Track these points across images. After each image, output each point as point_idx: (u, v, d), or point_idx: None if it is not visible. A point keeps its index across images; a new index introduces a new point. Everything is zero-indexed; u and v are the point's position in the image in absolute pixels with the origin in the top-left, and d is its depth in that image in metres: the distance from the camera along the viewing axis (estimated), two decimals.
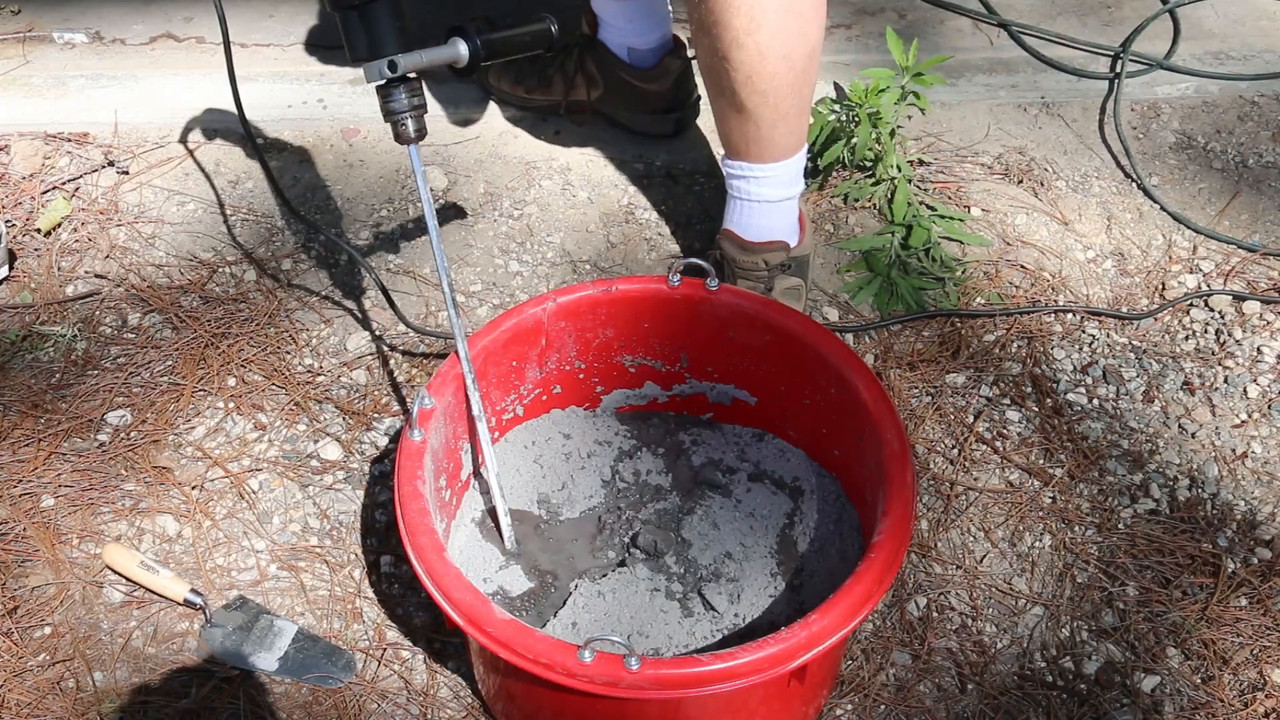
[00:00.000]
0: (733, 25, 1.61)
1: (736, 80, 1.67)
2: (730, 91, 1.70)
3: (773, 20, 1.61)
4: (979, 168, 2.23)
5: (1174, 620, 1.63)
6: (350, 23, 1.38)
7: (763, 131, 1.75)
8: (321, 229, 2.05)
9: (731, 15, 1.60)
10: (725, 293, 1.55)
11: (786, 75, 1.68)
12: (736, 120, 1.74)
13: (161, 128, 2.26)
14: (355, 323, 1.96)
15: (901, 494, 1.34)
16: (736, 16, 1.60)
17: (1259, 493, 1.77)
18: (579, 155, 2.23)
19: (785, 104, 1.72)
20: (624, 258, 2.06)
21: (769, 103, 1.70)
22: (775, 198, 1.82)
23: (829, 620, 1.24)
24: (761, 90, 1.68)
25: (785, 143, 1.77)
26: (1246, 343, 1.95)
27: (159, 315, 1.95)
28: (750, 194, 1.82)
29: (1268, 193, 2.21)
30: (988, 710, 1.55)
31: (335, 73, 2.38)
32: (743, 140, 1.77)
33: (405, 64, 1.38)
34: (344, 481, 1.76)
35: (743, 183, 1.82)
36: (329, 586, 1.65)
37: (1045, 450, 1.81)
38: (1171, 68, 2.42)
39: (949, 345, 1.94)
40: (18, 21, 2.49)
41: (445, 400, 1.44)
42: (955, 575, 1.67)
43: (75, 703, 1.52)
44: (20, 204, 2.12)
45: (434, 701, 1.54)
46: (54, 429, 1.79)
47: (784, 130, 1.75)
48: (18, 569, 1.65)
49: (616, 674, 1.20)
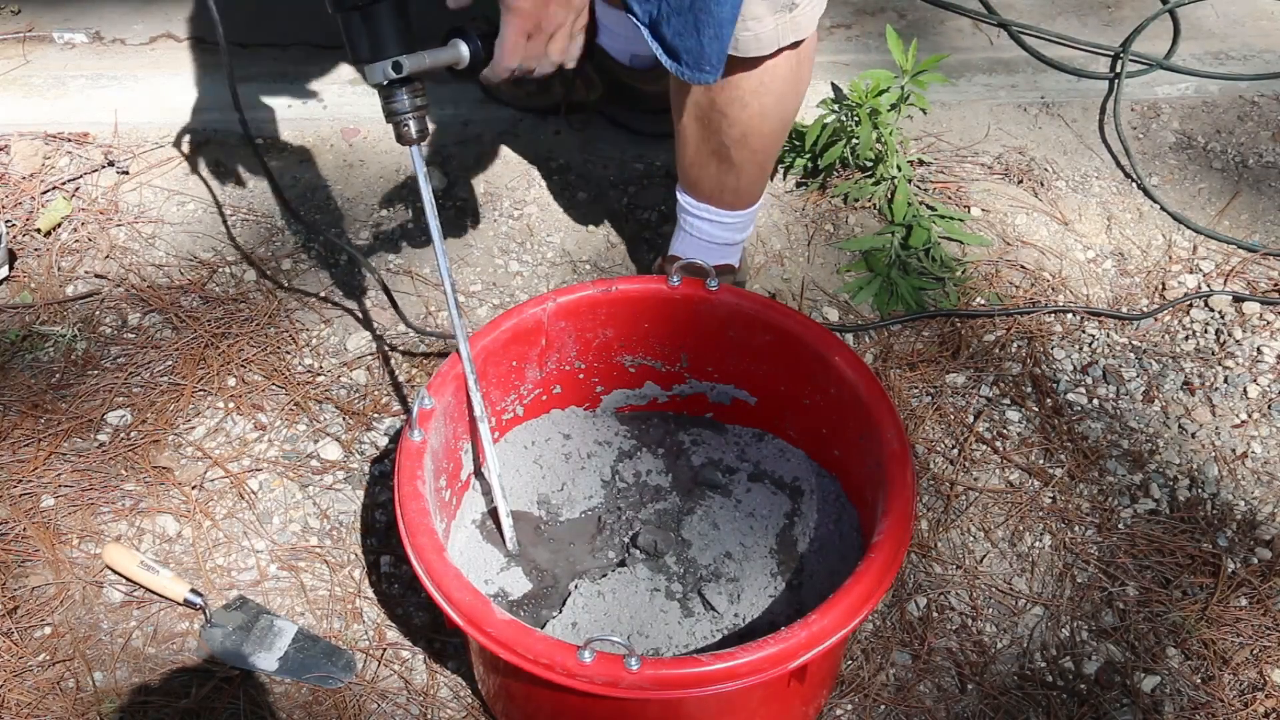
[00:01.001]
0: (742, 85, 1.59)
1: (731, 136, 1.65)
2: (720, 145, 1.68)
3: (780, 85, 1.60)
4: (979, 168, 2.23)
5: (1174, 620, 1.63)
6: (352, 24, 1.34)
7: (742, 183, 1.74)
8: (320, 230, 2.05)
9: (743, 76, 1.58)
10: (725, 293, 1.55)
11: (778, 135, 1.69)
12: (717, 169, 1.72)
13: (161, 128, 2.26)
14: (355, 323, 1.96)
15: (901, 494, 1.34)
16: (748, 79, 1.58)
17: (1259, 493, 1.77)
18: (579, 155, 2.23)
19: (769, 160, 1.73)
20: (624, 258, 2.06)
21: (756, 160, 1.71)
22: (734, 240, 1.84)
23: (829, 620, 1.24)
24: (754, 148, 1.68)
25: (755, 191, 1.78)
26: (1246, 343, 1.95)
27: (159, 315, 1.95)
28: (711, 236, 1.82)
29: (1268, 193, 2.21)
30: (988, 710, 1.55)
31: (335, 73, 2.38)
32: (718, 189, 1.75)
33: (410, 66, 1.34)
34: (344, 481, 1.76)
35: (705, 224, 1.80)
36: (329, 586, 1.65)
37: (1045, 450, 1.81)
38: (1171, 68, 2.42)
39: (949, 345, 1.94)
40: (18, 21, 2.49)
41: (445, 400, 1.44)
42: (955, 575, 1.67)
43: (75, 703, 1.52)
44: (20, 204, 2.12)
45: (434, 701, 1.54)
46: (54, 429, 1.79)
47: (760, 182, 1.77)
48: (18, 569, 1.65)
49: (616, 674, 1.20)
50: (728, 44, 1.50)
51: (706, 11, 1.45)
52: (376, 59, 1.34)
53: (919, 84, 2.10)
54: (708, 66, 1.51)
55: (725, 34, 1.49)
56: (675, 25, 1.48)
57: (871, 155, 2.14)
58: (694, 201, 1.79)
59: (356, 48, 1.36)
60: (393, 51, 1.34)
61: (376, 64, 1.35)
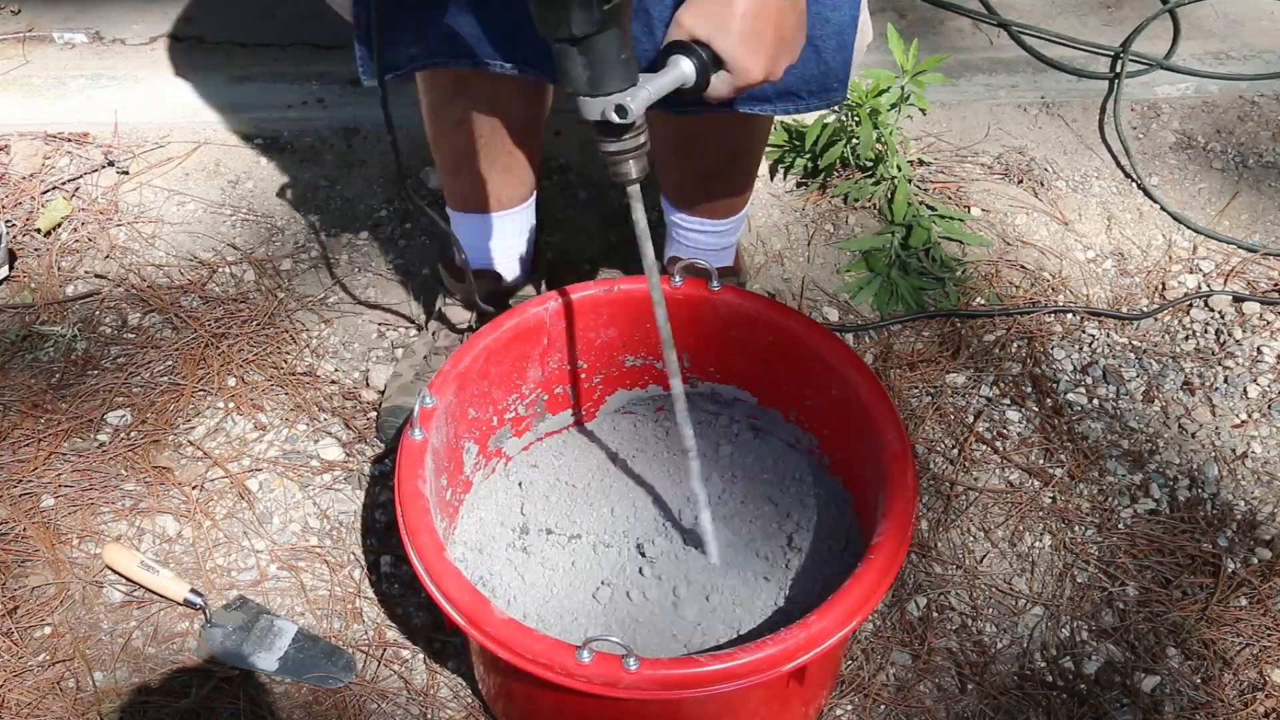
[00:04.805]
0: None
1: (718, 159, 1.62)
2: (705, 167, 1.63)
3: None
4: (979, 168, 2.23)
5: (1174, 620, 1.63)
6: (565, 55, 1.16)
7: (731, 193, 1.72)
8: (320, 230, 2.05)
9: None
10: (727, 293, 1.55)
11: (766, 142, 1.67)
12: (705, 187, 1.67)
13: (161, 128, 2.26)
14: (355, 322, 1.96)
15: (901, 494, 1.34)
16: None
17: (1259, 493, 1.77)
18: (579, 155, 2.23)
19: (759, 165, 1.71)
20: (624, 258, 2.06)
21: (743, 172, 1.69)
22: (731, 244, 1.82)
23: (828, 621, 1.24)
24: (742, 165, 1.67)
25: (748, 194, 1.76)
26: (1246, 343, 1.95)
27: (159, 315, 1.95)
28: (708, 245, 1.79)
29: (1268, 193, 2.21)
30: (988, 710, 1.55)
31: (335, 72, 2.38)
32: (708, 203, 1.71)
33: (635, 109, 1.17)
34: (344, 481, 1.76)
35: (702, 236, 1.77)
36: (329, 586, 1.65)
37: (1045, 450, 1.81)
38: (1171, 68, 2.42)
39: (949, 345, 1.94)
40: (18, 21, 2.49)
41: (446, 399, 1.44)
42: (955, 575, 1.67)
43: (75, 703, 1.52)
44: (20, 204, 2.12)
45: (434, 701, 1.54)
46: (54, 429, 1.79)
47: (752, 184, 1.74)
48: (18, 569, 1.65)
49: (615, 674, 1.20)
50: (852, 51, 1.40)
51: (822, 23, 1.35)
52: (595, 94, 1.17)
53: (919, 84, 2.10)
54: (834, 83, 1.42)
55: (848, 40, 1.39)
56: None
57: (872, 155, 2.14)
58: (686, 217, 1.76)
59: (571, 80, 1.18)
60: (615, 87, 1.17)
61: (595, 100, 1.18)
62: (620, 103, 1.17)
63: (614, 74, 1.16)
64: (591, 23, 1.11)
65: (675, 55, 1.21)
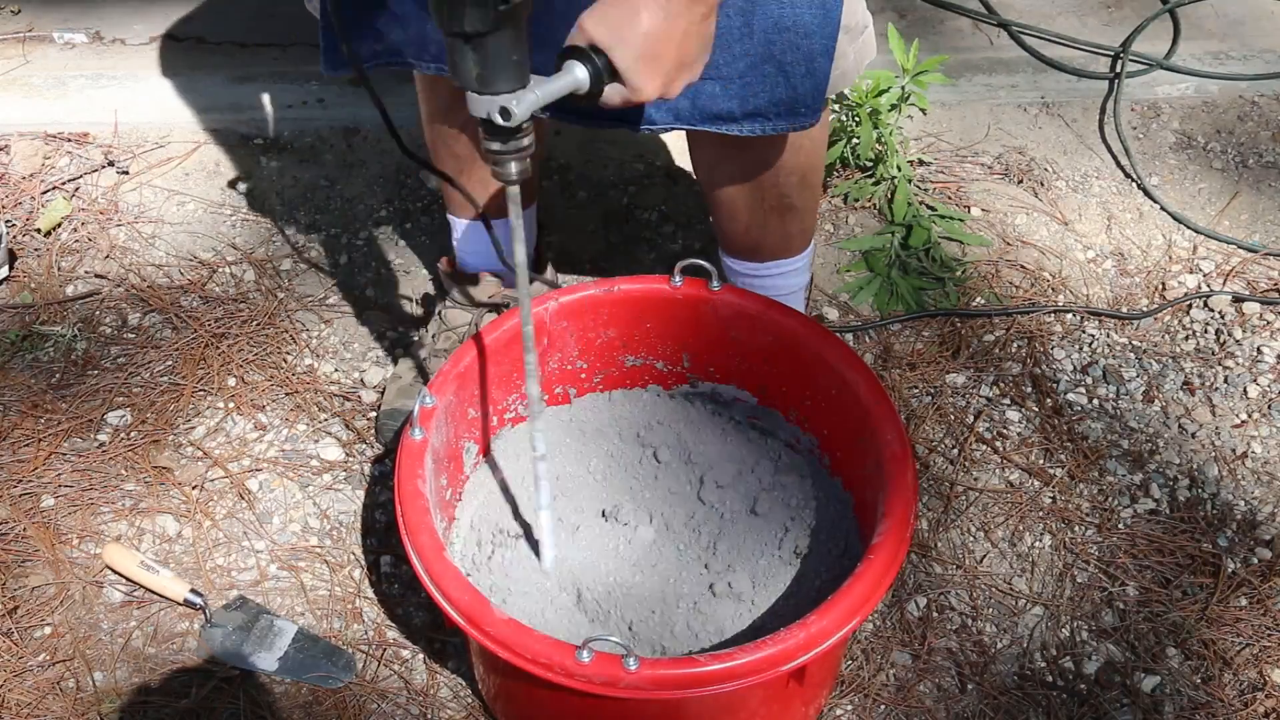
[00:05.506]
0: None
1: (790, 184, 1.58)
2: (780, 198, 1.59)
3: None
4: (979, 168, 2.23)
5: (1174, 620, 1.63)
6: (456, 50, 1.15)
7: (805, 222, 1.68)
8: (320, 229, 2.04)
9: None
10: (727, 293, 1.55)
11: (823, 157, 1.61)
12: (779, 222, 1.64)
13: (161, 128, 2.26)
14: (355, 322, 1.96)
15: (901, 494, 1.34)
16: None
17: (1259, 493, 1.77)
18: (579, 155, 2.23)
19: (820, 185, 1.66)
20: (624, 258, 2.06)
21: (814, 193, 1.65)
22: (805, 282, 1.79)
23: (828, 621, 1.24)
24: (812, 184, 1.62)
25: (816, 219, 1.71)
26: (1246, 343, 1.95)
27: (159, 315, 1.95)
28: (784, 287, 1.75)
29: (1268, 193, 2.21)
30: (988, 710, 1.55)
31: None
32: (783, 241, 1.68)
33: (520, 113, 1.16)
34: (344, 481, 1.76)
35: (778, 280, 1.73)
36: (329, 586, 1.65)
37: (1045, 450, 1.81)
38: (1171, 68, 2.42)
39: (949, 345, 1.94)
40: (18, 21, 2.49)
41: (446, 399, 1.44)
42: (955, 575, 1.67)
43: (75, 703, 1.52)
44: (20, 204, 2.12)
45: (434, 701, 1.54)
46: (54, 429, 1.79)
47: (817, 208, 1.69)
48: (18, 569, 1.65)
49: (615, 674, 1.20)
50: (825, 80, 1.39)
51: (793, 50, 1.35)
52: (482, 93, 1.17)
53: (919, 84, 2.10)
54: (803, 109, 1.41)
55: (819, 68, 1.37)
56: (750, 83, 1.38)
57: (872, 155, 2.14)
58: (757, 265, 1.72)
59: (460, 75, 1.17)
60: (503, 88, 1.16)
61: (481, 98, 1.17)
62: (505, 105, 1.16)
63: (504, 74, 1.15)
64: (485, 21, 1.11)
65: (571, 60, 1.19)
